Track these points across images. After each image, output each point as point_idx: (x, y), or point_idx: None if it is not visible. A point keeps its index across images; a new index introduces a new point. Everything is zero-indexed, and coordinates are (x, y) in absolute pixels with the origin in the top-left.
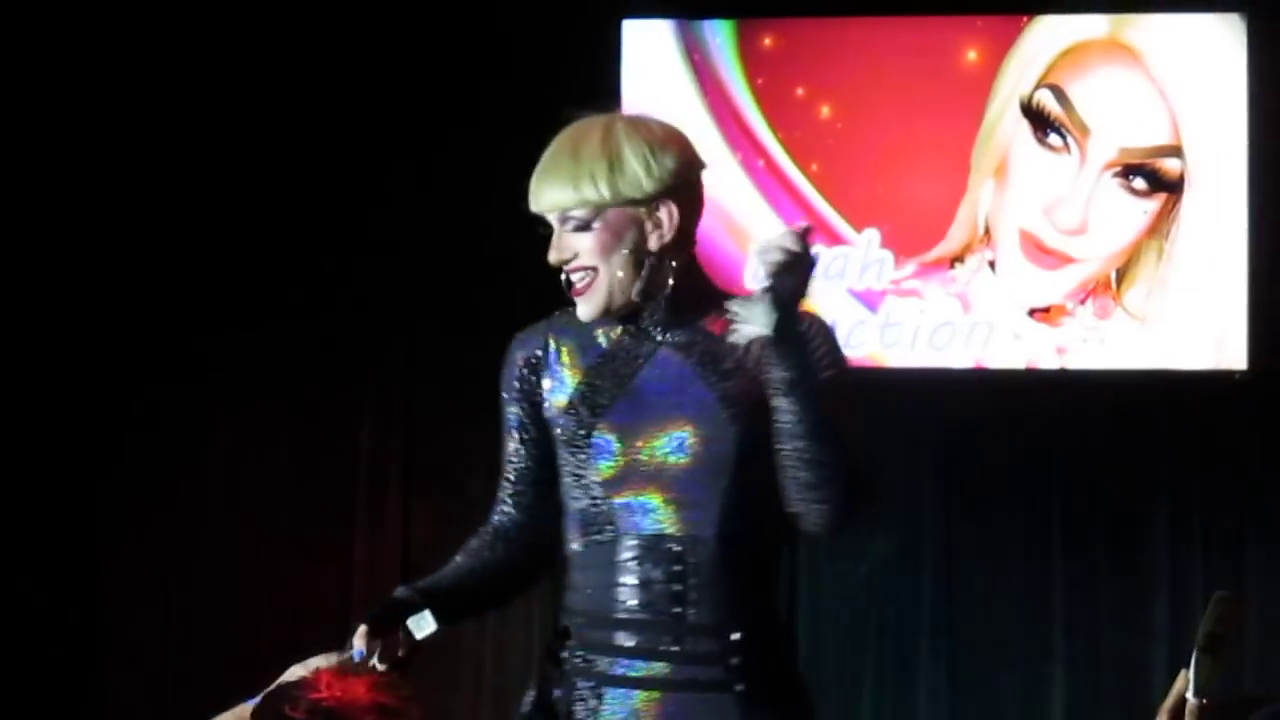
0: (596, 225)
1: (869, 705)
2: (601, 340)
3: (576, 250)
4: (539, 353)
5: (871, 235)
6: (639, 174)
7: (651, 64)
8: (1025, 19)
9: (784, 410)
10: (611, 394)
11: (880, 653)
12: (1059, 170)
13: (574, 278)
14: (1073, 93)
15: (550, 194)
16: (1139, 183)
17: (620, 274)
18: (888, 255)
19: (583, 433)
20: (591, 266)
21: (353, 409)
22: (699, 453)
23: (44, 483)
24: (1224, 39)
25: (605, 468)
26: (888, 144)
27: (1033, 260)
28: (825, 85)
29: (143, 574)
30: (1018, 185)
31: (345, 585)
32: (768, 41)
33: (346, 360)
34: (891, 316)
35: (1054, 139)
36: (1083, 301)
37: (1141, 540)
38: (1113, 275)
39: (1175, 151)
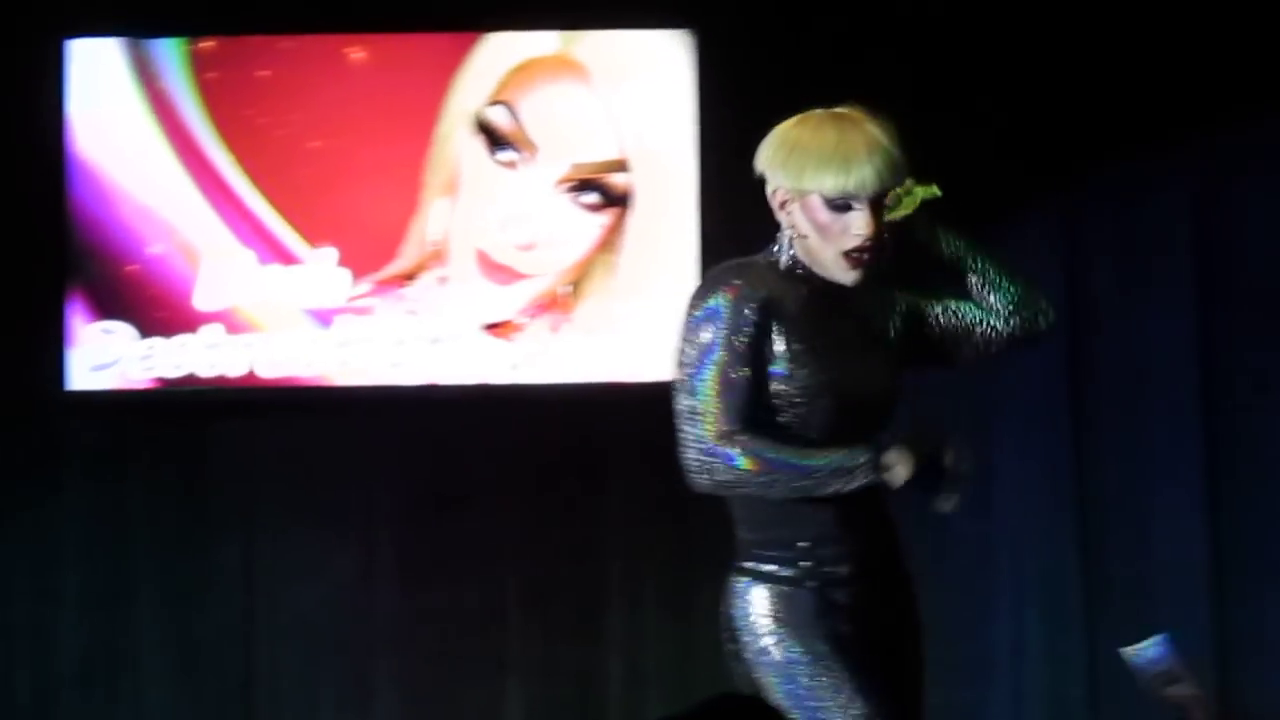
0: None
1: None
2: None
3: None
4: (769, 301)
5: (327, 253)
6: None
7: (100, 84)
8: (477, 36)
9: None
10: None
11: (338, 670)
12: (511, 187)
13: (865, 252)
14: (523, 109)
15: (884, 177)
16: (590, 198)
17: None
18: (345, 273)
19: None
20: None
21: None
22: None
23: None
24: (671, 55)
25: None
26: (342, 163)
27: (487, 276)
28: (279, 105)
29: None
30: (470, 202)
31: None
32: (217, 59)
33: None
34: (347, 335)
35: (506, 155)
36: (535, 316)
37: (593, 550)
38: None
39: (622, 167)
